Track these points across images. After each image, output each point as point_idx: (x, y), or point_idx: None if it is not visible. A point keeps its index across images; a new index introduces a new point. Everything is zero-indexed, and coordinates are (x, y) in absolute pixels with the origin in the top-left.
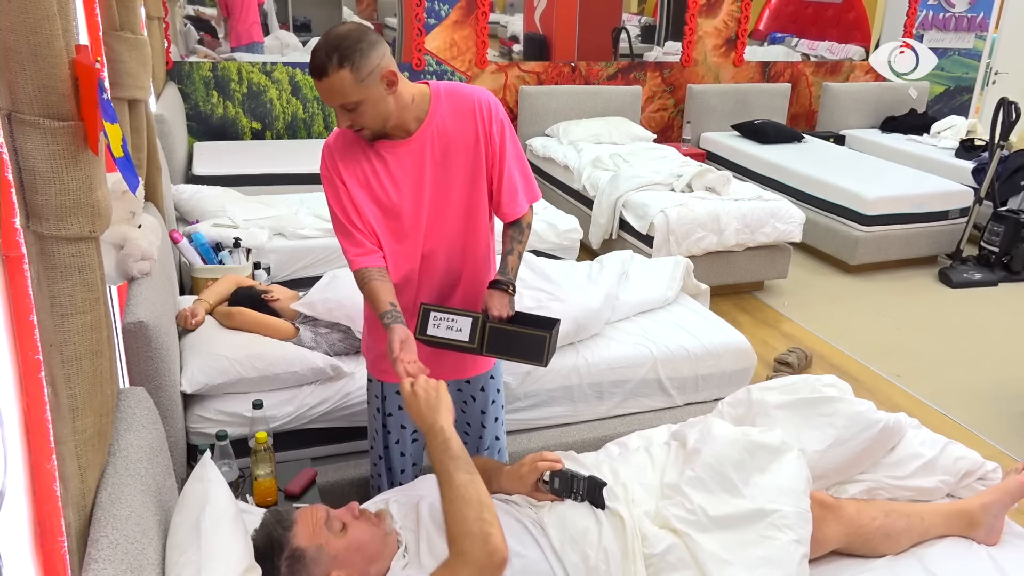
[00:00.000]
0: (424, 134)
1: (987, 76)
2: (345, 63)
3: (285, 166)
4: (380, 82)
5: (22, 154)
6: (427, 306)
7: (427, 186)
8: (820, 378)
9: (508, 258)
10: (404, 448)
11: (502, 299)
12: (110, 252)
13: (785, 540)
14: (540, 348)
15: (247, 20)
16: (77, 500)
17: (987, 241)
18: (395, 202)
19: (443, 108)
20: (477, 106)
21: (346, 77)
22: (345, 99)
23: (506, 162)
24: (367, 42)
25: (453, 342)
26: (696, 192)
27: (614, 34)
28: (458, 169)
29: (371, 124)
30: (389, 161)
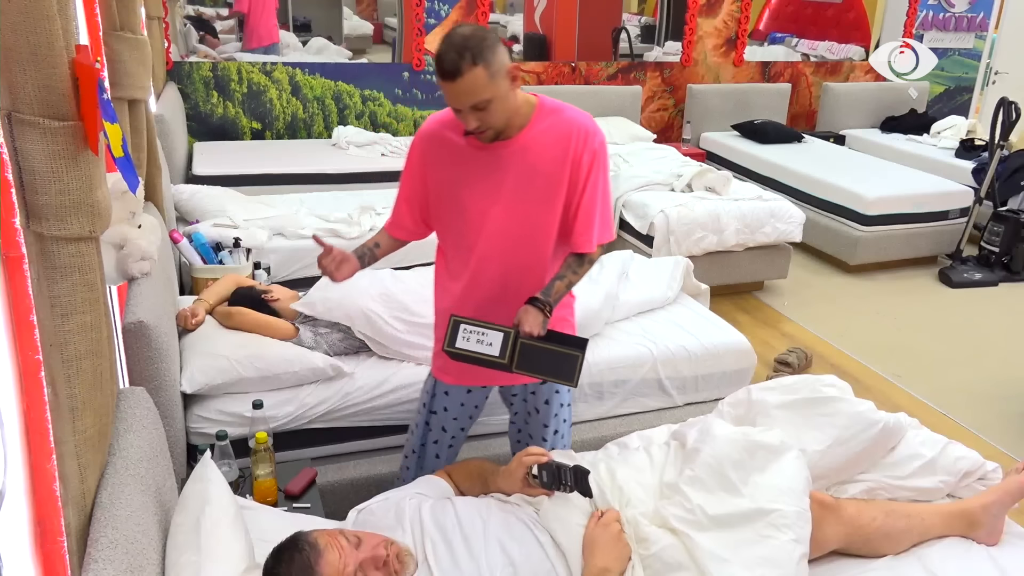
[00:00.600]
0: (518, 143)
1: (987, 76)
2: (479, 60)
3: (285, 166)
4: (506, 78)
5: (22, 154)
6: (457, 318)
7: (503, 194)
8: (820, 378)
9: (556, 282)
10: (440, 451)
11: (536, 317)
12: (110, 252)
13: (784, 540)
14: (572, 367)
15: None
16: (77, 500)
17: (987, 241)
18: (467, 200)
19: (543, 124)
20: (575, 132)
21: (480, 75)
22: (478, 97)
23: (587, 194)
24: (492, 39)
25: (483, 356)
26: (696, 192)
27: (614, 34)
28: (538, 187)
29: (497, 122)
30: (477, 159)
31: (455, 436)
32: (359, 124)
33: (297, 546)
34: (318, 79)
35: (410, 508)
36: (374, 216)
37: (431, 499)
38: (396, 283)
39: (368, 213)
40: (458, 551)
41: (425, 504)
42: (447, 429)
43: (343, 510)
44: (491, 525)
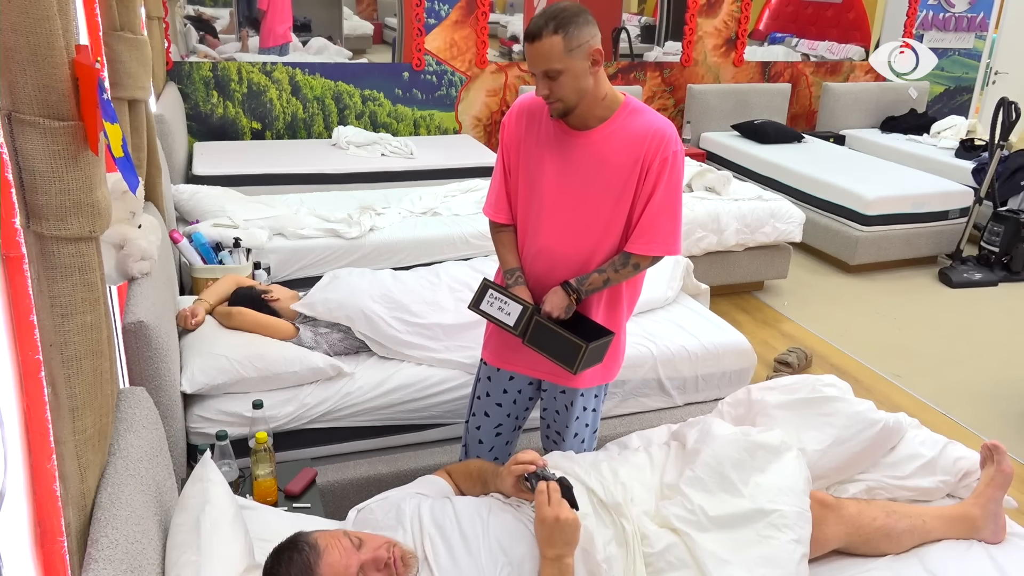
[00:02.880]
0: (597, 136)
1: (987, 76)
2: (560, 30)
3: (285, 166)
4: (586, 58)
5: (22, 154)
6: (487, 282)
7: (573, 183)
8: (820, 378)
9: (594, 274)
10: (484, 436)
11: (562, 300)
12: (110, 252)
13: (784, 540)
14: (574, 355)
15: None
16: (77, 500)
17: (987, 241)
18: (540, 180)
19: (625, 122)
20: (651, 136)
21: (557, 43)
22: (550, 65)
23: (653, 200)
24: (583, 18)
25: (500, 323)
26: (696, 192)
27: (614, 34)
28: (606, 183)
29: (567, 97)
30: (556, 143)
31: (501, 424)
32: (359, 124)
33: (297, 546)
34: (318, 79)
35: (410, 508)
36: (374, 216)
37: (431, 499)
38: (396, 283)
39: (368, 213)
40: (457, 550)
41: (425, 504)
42: (490, 415)
43: (343, 510)
44: (490, 525)
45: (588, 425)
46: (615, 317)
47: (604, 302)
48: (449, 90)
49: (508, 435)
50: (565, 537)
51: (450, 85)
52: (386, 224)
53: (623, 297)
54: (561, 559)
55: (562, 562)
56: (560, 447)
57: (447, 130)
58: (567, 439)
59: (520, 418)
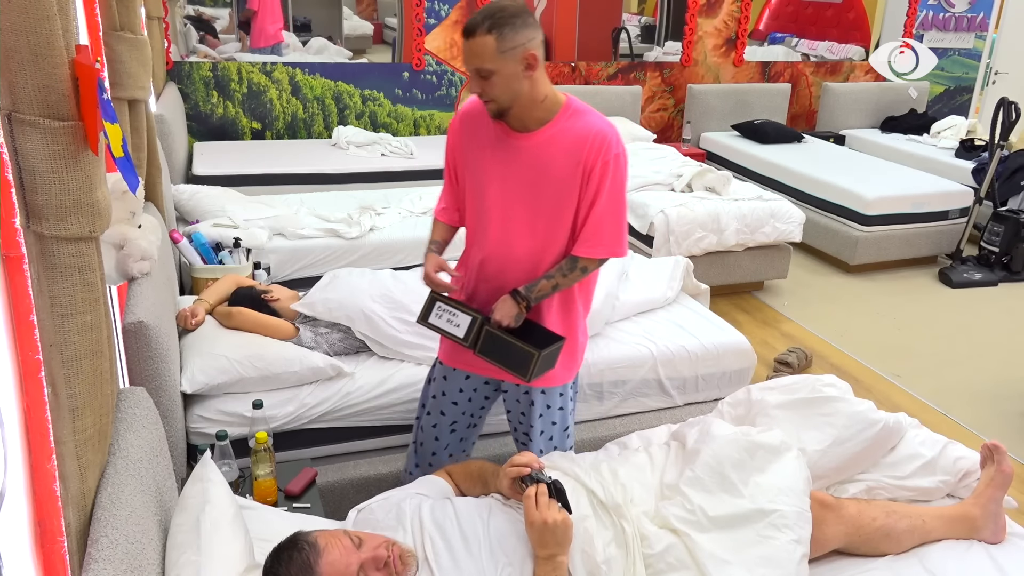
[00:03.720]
0: (537, 139)
1: (987, 76)
2: (494, 30)
3: (285, 166)
4: (520, 61)
5: (22, 154)
6: (435, 295)
7: (517, 186)
8: (820, 378)
9: (542, 280)
10: (441, 434)
11: (511, 309)
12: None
13: (784, 540)
14: (527, 363)
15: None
16: (77, 500)
17: (987, 241)
18: (485, 185)
19: (566, 125)
20: (592, 139)
21: (489, 43)
22: (481, 64)
23: (596, 204)
24: (522, 20)
25: (449, 335)
26: (696, 192)
27: (614, 34)
28: (549, 186)
29: (499, 98)
30: (498, 147)
31: (456, 422)
32: (359, 124)
33: (297, 546)
34: (318, 79)
35: (410, 508)
36: (374, 216)
37: (431, 499)
38: (396, 283)
39: (368, 213)
40: (457, 551)
41: (425, 504)
42: (445, 413)
43: (343, 510)
44: (491, 525)
45: (556, 423)
46: (570, 320)
47: (557, 305)
48: (449, 90)
49: (463, 432)
50: (556, 539)
51: (450, 85)
52: (386, 224)
53: (576, 299)
54: (554, 558)
55: (555, 560)
56: (529, 447)
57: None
58: (534, 438)
59: (476, 416)
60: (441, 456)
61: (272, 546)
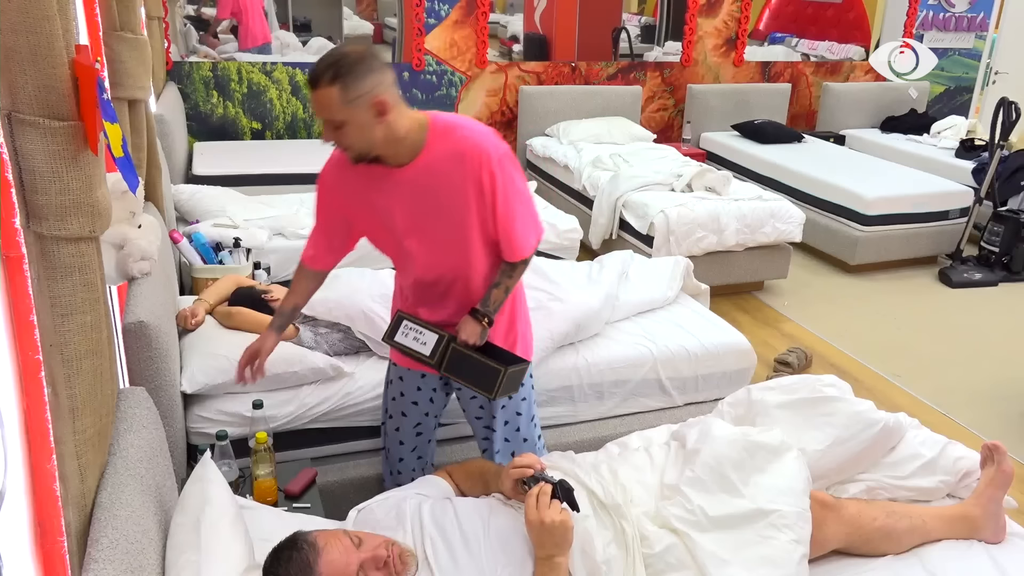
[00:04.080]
0: (416, 168)
1: (987, 76)
2: (336, 81)
3: (285, 166)
4: (369, 108)
5: (22, 154)
6: (402, 314)
7: (414, 220)
8: (820, 378)
9: (493, 291)
10: (405, 437)
11: (474, 328)
12: (110, 252)
13: (784, 540)
14: (493, 380)
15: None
16: (77, 500)
17: (987, 241)
18: (384, 227)
19: (439, 145)
20: (471, 154)
21: (334, 94)
22: (329, 115)
23: (499, 211)
24: (365, 66)
25: (416, 354)
26: (696, 192)
27: (614, 34)
28: (445, 210)
29: (353, 145)
30: (379, 188)
31: (420, 423)
32: None
33: (296, 545)
34: None
35: (410, 508)
36: None
37: (431, 499)
38: None
39: None
40: (458, 551)
41: (425, 504)
42: (407, 414)
43: (343, 510)
44: (491, 526)
45: (521, 414)
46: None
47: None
48: (449, 90)
49: (429, 433)
50: (554, 539)
51: (450, 85)
52: None
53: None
54: (551, 559)
55: (552, 561)
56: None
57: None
58: (497, 429)
59: (437, 415)
60: (409, 460)
61: (272, 546)
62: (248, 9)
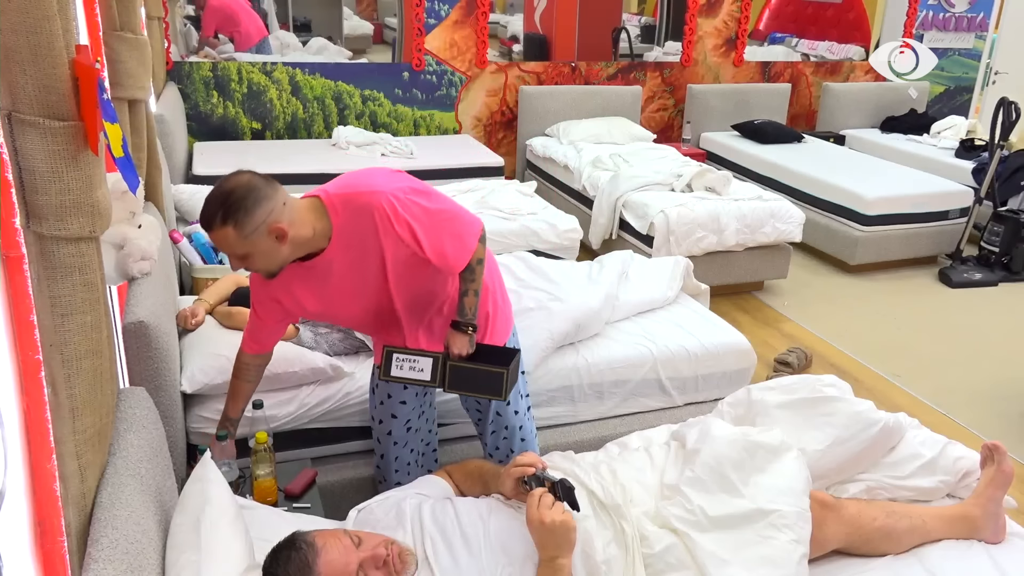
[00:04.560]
0: (332, 251)
1: (987, 76)
2: (228, 220)
3: (285, 166)
4: (268, 236)
5: (22, 154)
6: (389, 348)
7: (357, 286)
8: (820, 378)
9: (463, 299)
10: (399, 438)
11: (461, 339)
12: (110, 252)
13: (784, 540)
14: (499, 383)
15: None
16: (77, 500)
17: (987, 241)
18: (333, 304)
19: (343, 219)
20: (378, 216)
21: (230, 234)
22: (231, 251)
23: (424, 244)
24: (252, 198)
25: (416, 382)
26: (696, 192)
27: (614, 34)
28: (376, 268)
29: (264, 268)
30: (312, 275)
31: (410, 420)
32: (359, 124)
33: (295, 545)
34: (318, 79)
35: (410, 508)
36: None
37: (431, 499)
38: None
39: None
40: (458, 551)
41: (425, 504)
42: (397, 415)
43: (343, 510)
44: (491, 525)
45: (518, 412)
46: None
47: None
48: (449, 90)
49: (422, 429)
50: (556, 540)
51: (450, 85)
52: None
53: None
54: (554, 560)
55: (555, 563)
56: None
57: (447, 130)
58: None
59: (427, 410)
60: (404, 456)
61: (272, 546)
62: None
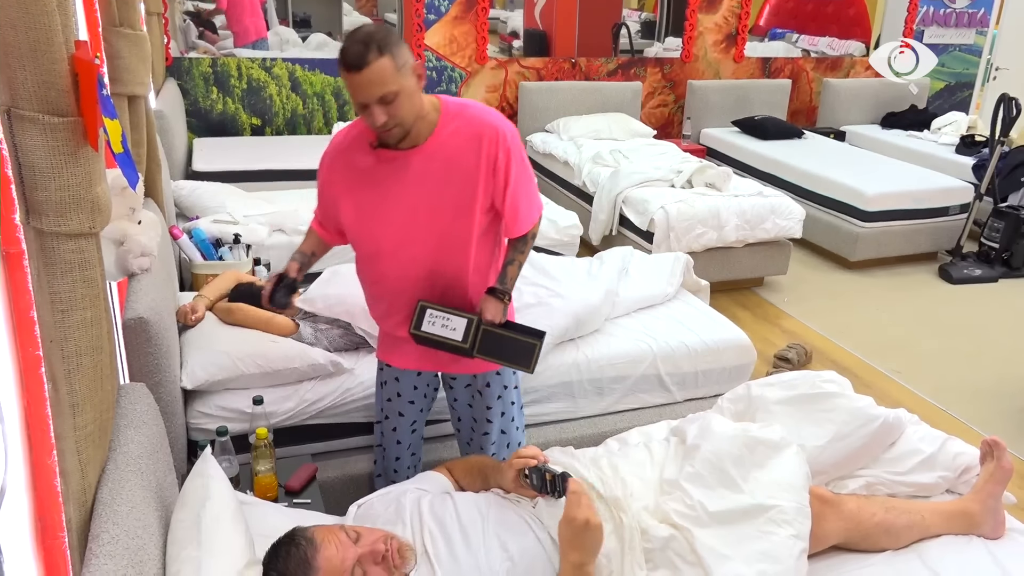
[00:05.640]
0: (430, 148)
1: (987, 72)
2: (385, 51)
3: (285, 162)
4: (412, 75)
5: (22, 150)
6: (424, 303)
7: (423, 200)
8: (820, 374)
9: (508, 267)
10: (402, 436)
11: (497, 306)
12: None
13: (784, 535)
14: (529, 354)
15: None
16: (78, 496)
17: (987, 237)
18: (385, 213)
19: (452, 126)
20: (486, 133)
21: (387, 65)
22: (385, 88)
23: (510, 189)
24: (396, 35)
25: (446, 340)
26: (696, 188)
27: (614, 30)
28: (455, 190)
29: (405, 117)
30: (389, 171)
31: (415, 420)
32: None
33: (294, 541)
34: (318, 75)
35: (410, 503)
36: None
37: (431, 494)
38: None
39: None
40: (457, 545)
41: (425, 499)
42: (404, 414)
43: (343, 506)
44: (490, 520)
45: (515, 403)
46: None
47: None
48: (449, 86)
49: (421, 431)
50: (592, 542)
51: (450, 81)
52: None
53: None
54: (584, 567)
55: (584, 570)
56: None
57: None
58: (493, 420)
59: (427, 411)
60: (404, 458)
61: (272, 542)
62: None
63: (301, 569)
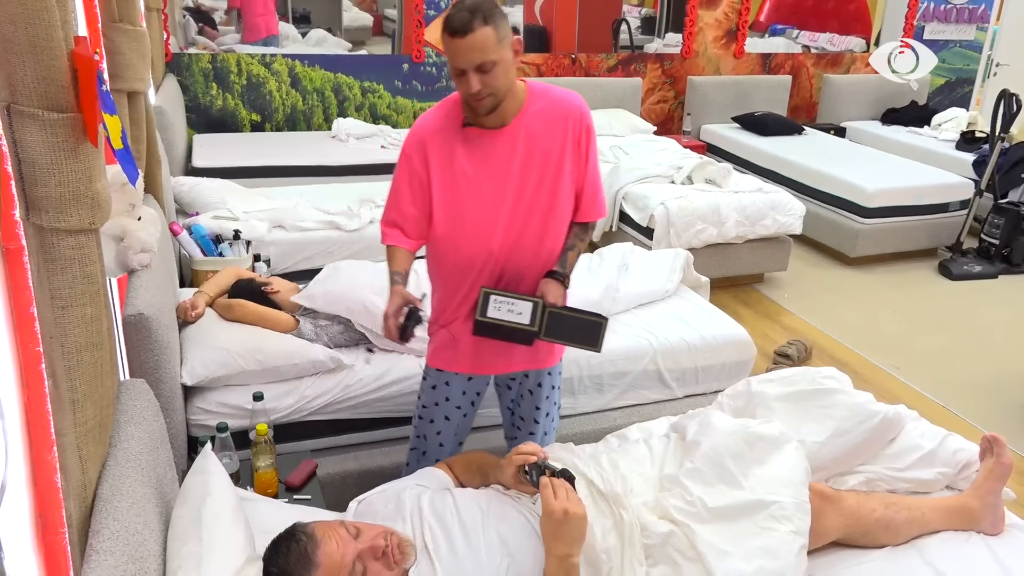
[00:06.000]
0: (517, 127)
1: (988, 68)
2: (489, 21)
3: (285, 158)
4: (510, 48)
5: (22, 146)
6: (487, 290)
7: (509, 179)
8: (820, 370)
9: (568, 253)
10: (445, 440)
11: (557, 289)
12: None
13: (784, 531)
14: (597, 333)
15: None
16: (78, 492)
17: (987, 233)
18: (473, 189)
19: (537, 106)
20: (571, 113)
21: (489, 34)
22: (485, 56)
23: (590, 168)
24: (500, 10)
25: (513, 324)
26: (696, 184)
27: (614, 26)
28: (542, 169)
29: (500, 87)
30: (476, 149)
31: (459, 424)
32: (359, 116)
33: (295, 537)
34: (317, 71)
35: (410, 499)
36: (374, 208)
37: (430, 490)
38: None
39: (368, 205)
40: (456, 541)
41: (425, 495)
42: (450, 418)
43: (344, 502)
44: (489, 516)
45: (556, 404)
46: None
47: None
48: (449, 82)
49: (463, 435)
50: (573, 533)
51: (450, 78)
52: None
53: None
54: (568, 558)
55: (568, 562)
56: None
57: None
58: (539, 419)
59: (472, 417)
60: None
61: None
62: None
63: (301, 565)
